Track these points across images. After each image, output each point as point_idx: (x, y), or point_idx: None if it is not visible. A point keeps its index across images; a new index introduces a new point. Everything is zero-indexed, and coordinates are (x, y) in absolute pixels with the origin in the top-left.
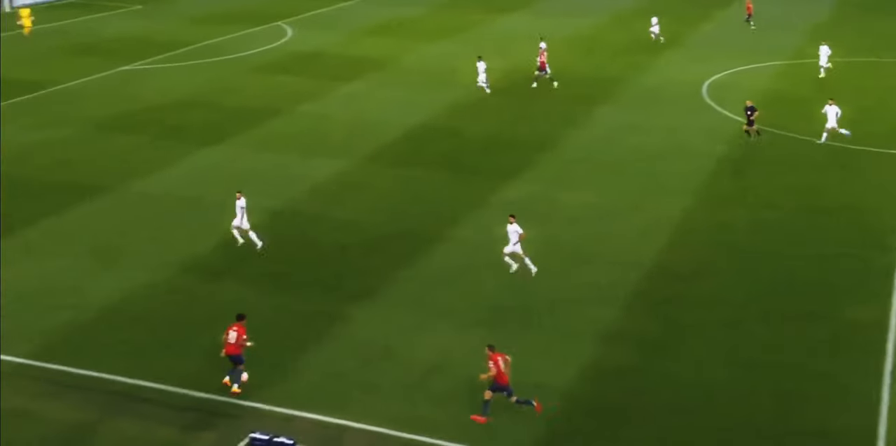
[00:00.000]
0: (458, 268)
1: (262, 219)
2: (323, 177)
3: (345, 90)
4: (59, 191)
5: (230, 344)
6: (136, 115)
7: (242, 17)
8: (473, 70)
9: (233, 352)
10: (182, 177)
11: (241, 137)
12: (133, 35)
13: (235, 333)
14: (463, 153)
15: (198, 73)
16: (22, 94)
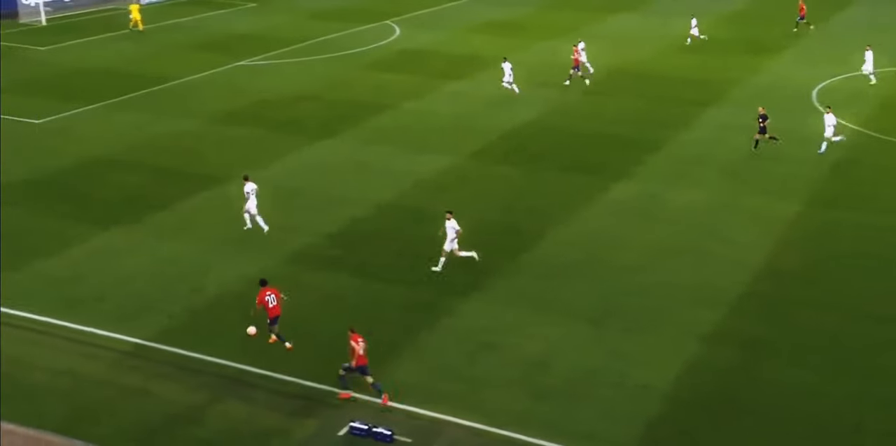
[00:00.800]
0: (564, 264)
1: (367, 211)
2: (429, 173)
3: (451, 88)
4: (182, 178)
5: (274, 306)
6: (251, 109)
7: (352, 14)
8: (582, 69)
9: (278, 314)
10: (294, 169)
11: (351, 132)
12: (248, 32)
13: (274, 296)
14: (569, 151)
15: (310, 69)
16: (145, 88)
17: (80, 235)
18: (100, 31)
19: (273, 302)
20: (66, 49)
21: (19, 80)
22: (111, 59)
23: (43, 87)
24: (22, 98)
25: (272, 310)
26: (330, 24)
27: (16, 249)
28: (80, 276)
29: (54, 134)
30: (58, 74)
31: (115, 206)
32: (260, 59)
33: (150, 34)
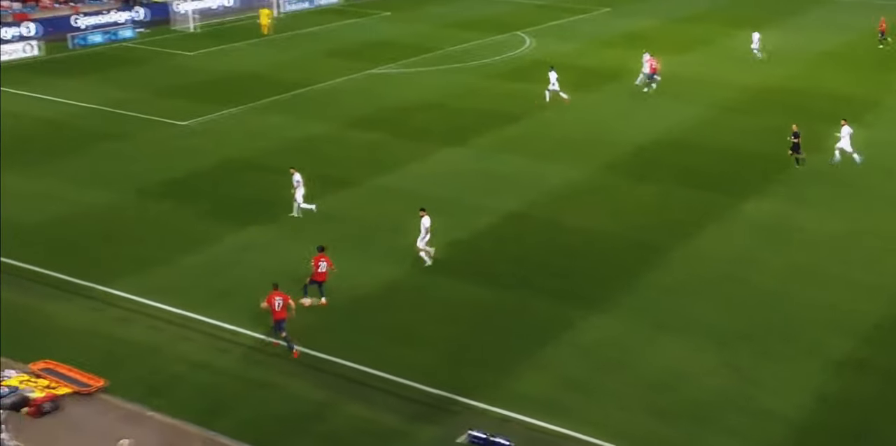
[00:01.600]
0: (695, 283)
1: (494, 220)
2: (558, 184)
3: (582, 99)
4: (314, 180)
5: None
6: (383, 115)
7: (485, 25)
8: (714, 85)
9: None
10: (422, 174)
11: (479, 140)
12: (382, 40)
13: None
14: (701, 167)
15: (441, 78)
16: (284, 92)
17: (219, 233)
18: (244, 37)
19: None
20: (213, 54)
21: (168, 84)
22: (254, 64)
23: (190, 90)
24: (170, 100)
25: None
26: (462, 34)
27: (162, 244)
28: (217, 273)
29: (198, 135)
30: (204, 78)
31: (252, 205)
32: (393, 66)
33: (289, 41)
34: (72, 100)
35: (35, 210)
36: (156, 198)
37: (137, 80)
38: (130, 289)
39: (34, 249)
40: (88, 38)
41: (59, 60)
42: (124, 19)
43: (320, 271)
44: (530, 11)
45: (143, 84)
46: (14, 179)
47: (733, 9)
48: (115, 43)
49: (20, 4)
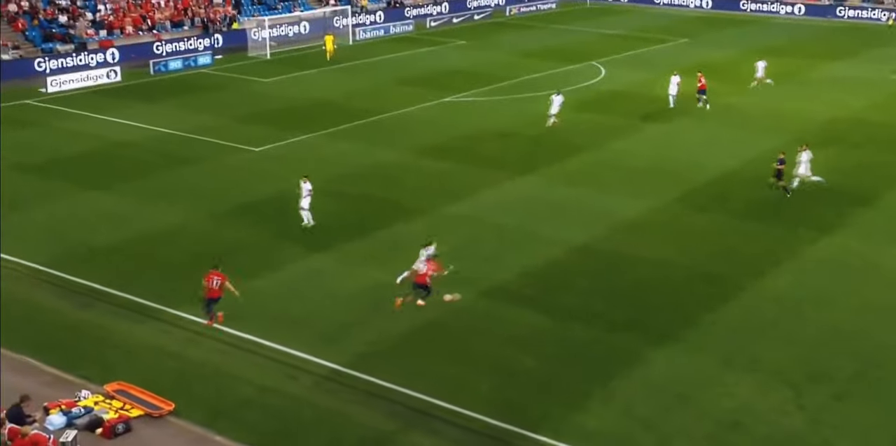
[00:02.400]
0: (766, 320)
1: (562, 251)
2: (628, 215)
3: (655, 130)
4: (384, 207)
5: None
6: (455, 143)
7: (559, 54)
8: (796, 116)
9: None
10: (491, 204)
11: (550, 170)
12: (456, 68)
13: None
14: (776, 202)
15: (515, 107)
16: (357, 120)
17: (289, 257)
18: (317, 64)
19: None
20: (287, 81)
21: (243, 110)
22: (327, 91)
23: (264, 116)
24: (245, 126)
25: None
26: (536, 63)
27: (233, 267)
28: (286, 298)
29: (271, 161)
30: (278, 105)
31: (322, 231)
32: (466, 95)
33: (362, 69)
34: (151, 124)
35: (111, 230)
36: (227, 222)
37: (213, 106)
38: (199, 312)
39: (108, 270)
40: (168, 64)
41: (139, 86)
42: (203, 46)
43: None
44: (606, 41)
45: (218, 110)
46: (93, 200)
47: (815, 42)
48: (193, 69)
49: (105, 32)
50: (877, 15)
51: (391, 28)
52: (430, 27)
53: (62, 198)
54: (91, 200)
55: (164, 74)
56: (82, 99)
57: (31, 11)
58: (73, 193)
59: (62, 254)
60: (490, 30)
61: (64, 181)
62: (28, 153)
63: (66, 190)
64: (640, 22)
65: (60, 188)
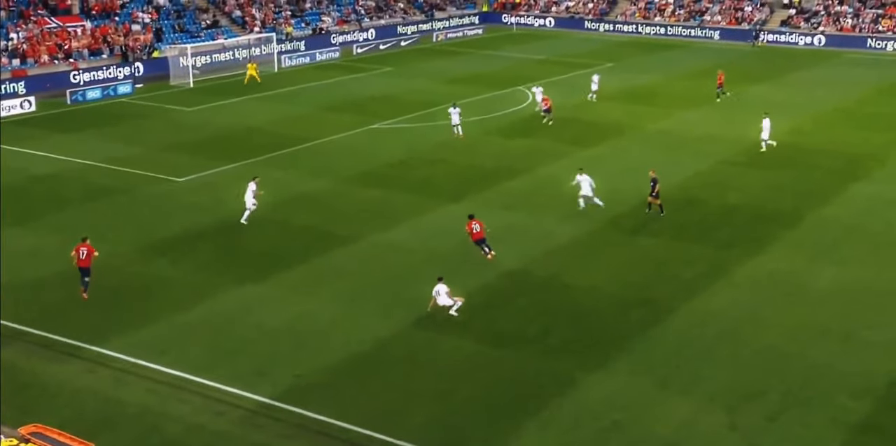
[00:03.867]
0: (698, 341)
1: (496, 277)
2: (560, 240)
3: (585, 154)
4: (316, 236)
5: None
6: (384, 170)
7: (487, 80)
8: (724, 139)
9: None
10: (423, 230)
11: (480, 196)
12: (384, 95)
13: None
14: (707, 224)
15: (443, 132)
16: (284, 148)
17: (218, 289)
18: (243, 92)
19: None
20: (211, 110)
21: (166, 140)
22: (253, 119)
23: (188, 146)
24: (168, 156)
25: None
26: (464, 89)
27: (159, 301)
28: (215, 331)
29: (196, 192)
30: (202, 134)
31: (251, 262)
32: (393, 122)
33: (288, 96)
34: (69, 156)
35: (30, 267)
36: (153, 255)
37: (135, 136)
38: (124, 349)
39: (28, 308)
40: (87, 93)
41: (56, 116)
42: (122, 75)
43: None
44: (533, 67)
45: (140, 140)
46: (8, 237)
47: (741, 63)
48: (112, 99)
49: (18, 61)
50: (794, 39)
51: (317, 55)
52: (356, 54)
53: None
54: (6, 237)
55: (82, 104)
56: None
57: None
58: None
59: None
60: (417, 56)
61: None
62: None
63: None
64: (566, 47)
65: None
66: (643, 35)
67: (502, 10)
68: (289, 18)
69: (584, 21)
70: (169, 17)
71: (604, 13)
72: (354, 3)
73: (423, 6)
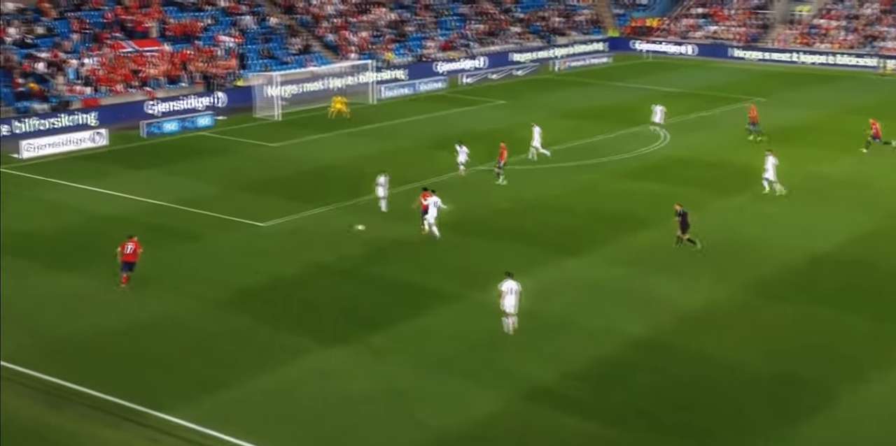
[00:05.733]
0: (866, 437)
1: (616, 347)
2: (691, 303)
3: (723, 203)
4: (408, 291)
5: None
6: (491, 218)
7: (611, 114)
8: (884, 191)
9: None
10: (533, 288)
11: (602, 248)
12: (493, 131)
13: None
14: (872, 290)
15: (562, 175)
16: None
17: (297, 350)
18: (334, 126)
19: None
20: (299, 146)
21: (248, 179)
22: (345, 157)
23: (271, 186)
24: (249, 197)
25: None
26: (587, 125)
27: (230, 362)
28: (288, 398)
29: (279, 238)
30: (287, 173)
31: (335, 319)
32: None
33: (386, 131)
34: (139, 195)
35: (86, 319)
36: (228, 309)
37: (213, 174)
38: (192, 416)
39: (83, 367)
40: (163, 126)
41: (128, 151)
42: (202, 106)
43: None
44: (667, 101)
45: (219, 178)
46: (66, 283)
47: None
48: (191, 132)
49: (90, 89)
50: None
51: (419, 85)
52: (463, 84)
53: (29, 280)
54: (63, 283)
55: (158, 137)
56: (61, 166)
57: (4, 65)
58: (43, 275)
59: (26, 346)
60: (534, 87)
61: (32, 261)
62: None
63: (34, 271)
64: (708, 78)
65: (28, 268)
66: (802, 64)
67: (633, 35)
68: (389, 44)
69: (730, 48)
70: (255, 41)
71: (754, 39)
72: (463, 27)
73: (542, 30)
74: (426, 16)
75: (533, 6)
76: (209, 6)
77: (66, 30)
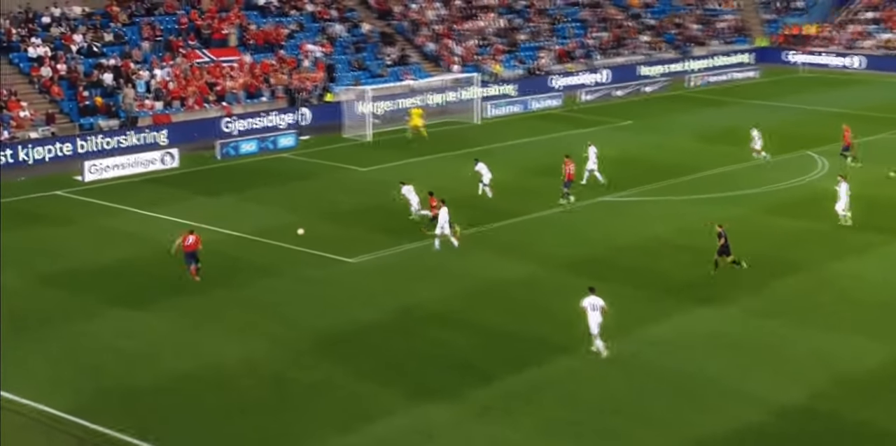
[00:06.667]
0: None
1: (762, 414)
2: (859, 366)
3: (889, 249)
4: (514, 343)
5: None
6: (609, 257)
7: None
8: None
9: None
10: (661, 342)
11: (746, 296)
12: (618, 157)
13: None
14: None
15: (696, 209)
16: (482, 223)
17: (389, 405)
18: (432, 149)
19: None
20: (393, 170)
21: (336, 207)
22: (445, 184)
23: (362, 216)
24: (336, 229)
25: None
26: (723, 150)
27: (314, 418)
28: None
29: (369, 276)
30: (380, 201)
31: (429, 370)
32: (629, 193)
33: (493, 155)
34: (212, 224)
35: (152, 364)
36: (309, 356)
37: (296, 202)
38: None
39: (142, 418)
40: (240, 146)
41: (201, 174)
42: (285, 124)
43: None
44: (827, 122)
45: (302, 206)
46: (131, 323)
47: None
48: (271, 153)
49: (161, 104)
50: None
51: (531, 102)
52: (582, 101)
53: (91, 319)
54: (129, 323)
55: (234, 159)
56: (128, 190)
57: (68, 76)
58: (106, 313)
59: (87, 394)
60: (665, 106)
61: (94, 296)
62: (51, 259)
63: (96, 309)
64: (878, 96)
65: (89, 306)
66: None
67: (786, 45)
68: (497, 54)
69: None
70: (345, 50)
71: None
72: (583, 35)
73: (677, 39)
74: (541, 22)
75: (666, 11)
76: (295, 11)
77: (136, 37)
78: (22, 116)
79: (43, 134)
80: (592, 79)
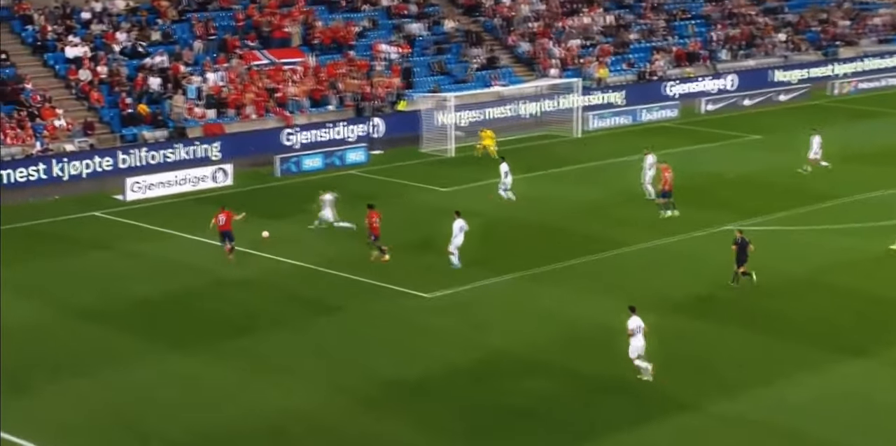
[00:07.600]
0: None
1: None
2: None
3: None
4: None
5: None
6: (733, 298)
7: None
8: None
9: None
10: (799, 402)
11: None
12: (746, 178)
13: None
14: None
15: (840, 242)
16: (579, 255)
17: None
18: (531, 165)
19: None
20: (477, 191)
21: (411, 234)
22: (537, 208)
23: (437, 245)
24: (412, 259)
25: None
26: (882, 172)
27: None
28: None
29: (445, 314)
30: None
31: (504, 423)
32: (761, 221)
33: (596, 173)
34: (273, 253)
35: (198, 413)
36: (377, 408)
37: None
38: None
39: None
40: (302, 162)
41: (259, 194)
42: (354, 136)
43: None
44: None
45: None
46: (176, 366)
47: None
48: (338, 170)
49: (213, 112)
50: None
51: (642, 113)
52: (704, 111)
53: (130, 361)
54: (173, 367)
55: (296, 176)
56: (174, 211)
57: (110, 79)
58: (147, 355)
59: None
60: (804, 117)
61: (134, 335)
62: (84, 290)
63: (136, 349)
64: None
65: (129, 346)
66: None
67: None
68: (603, 56)
69: None
70: (424, 52)
71: None
72: (706, 34)
73: (820, 38)
74: (655, 18)
75: (808, 4)
76: (367, 6)
77: (186, 35)
78: (57, 125)
79: (80, 146)
80: (716, 85)
